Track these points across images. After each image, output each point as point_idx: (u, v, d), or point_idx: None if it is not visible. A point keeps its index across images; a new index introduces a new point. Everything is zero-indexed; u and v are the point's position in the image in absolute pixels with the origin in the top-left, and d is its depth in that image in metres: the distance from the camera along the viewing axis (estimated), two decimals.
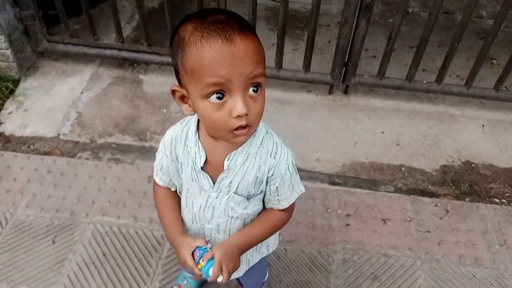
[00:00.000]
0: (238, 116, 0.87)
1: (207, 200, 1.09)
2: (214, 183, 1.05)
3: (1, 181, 2.05)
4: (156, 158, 1.14)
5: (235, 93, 0.85)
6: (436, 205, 2.05)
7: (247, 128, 0.90)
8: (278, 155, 1.04)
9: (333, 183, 2.13)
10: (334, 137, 2.35)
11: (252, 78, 0.86)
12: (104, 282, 1.73)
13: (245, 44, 0.84)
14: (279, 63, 2.41)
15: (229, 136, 0.91)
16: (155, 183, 1.19)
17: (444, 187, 2.16)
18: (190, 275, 1.66)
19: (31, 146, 2.24)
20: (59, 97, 2.48)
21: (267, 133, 1.04)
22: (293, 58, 2.76)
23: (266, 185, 1.07)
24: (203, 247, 1.04)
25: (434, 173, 2.21)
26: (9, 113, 2.39)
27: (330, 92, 2.56)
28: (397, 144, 2.33)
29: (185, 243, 1.07)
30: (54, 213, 1.94)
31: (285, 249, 1.86)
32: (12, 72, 2.52)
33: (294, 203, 1.13)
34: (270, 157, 1.03)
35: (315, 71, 2.46)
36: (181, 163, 1.08)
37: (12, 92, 2.50)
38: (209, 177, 1.05)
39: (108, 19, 2.70)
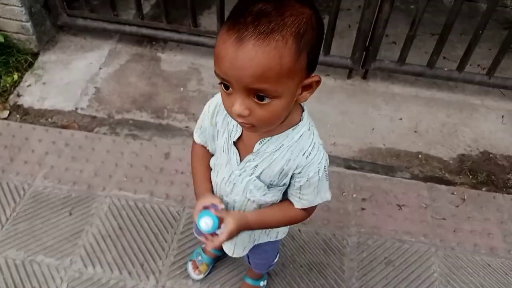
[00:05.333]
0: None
1: (230, 175, 1.08)
2: (241, 161, 1.04)
3: (19, 152, 2.07)
4: (200, 118, 1.14)
5: (236, 92, 0.82)
6: (453, 193, 2.04)
7: (252, 126, 0.87)
8: (312, 157, 0.99)
9: (349, 167, 2.12)
10: (352, 122, 2.33)
11: (252, 89, 0.79)
12: (119, 255, 1.75)
13: (255, 52, 0.74)
14: None
15: (238, 122, 0.89)
16: (193, 140, 1.20)
17: (461, 176, 2.14)
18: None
19: (49, 119, 2.25)
20: (77, 72, 2.49)
21: (308, 130, 0.99)
22: None
23: (291, 179, 1.05)
24: (207, 211, 1.03)
25: (451, 162, 2.19)
26: (28, 86, 2.40)
27: (349, 77, 2.54)
28: (415, 132, 2.31)
29: (201, 201, 1.07)
30: (72, 186, 1.95)
31: (299, 230, 1.86)
32: (32, 45, 2.52)
33: (315, 206, 1.11)
34: (303, 155, 0.99)
35: (335, 54, 2.43)
36: (218, 130, 1.07)
37: (31, 65, 2.50)
38: (238, 154, 1.04)
39: None
